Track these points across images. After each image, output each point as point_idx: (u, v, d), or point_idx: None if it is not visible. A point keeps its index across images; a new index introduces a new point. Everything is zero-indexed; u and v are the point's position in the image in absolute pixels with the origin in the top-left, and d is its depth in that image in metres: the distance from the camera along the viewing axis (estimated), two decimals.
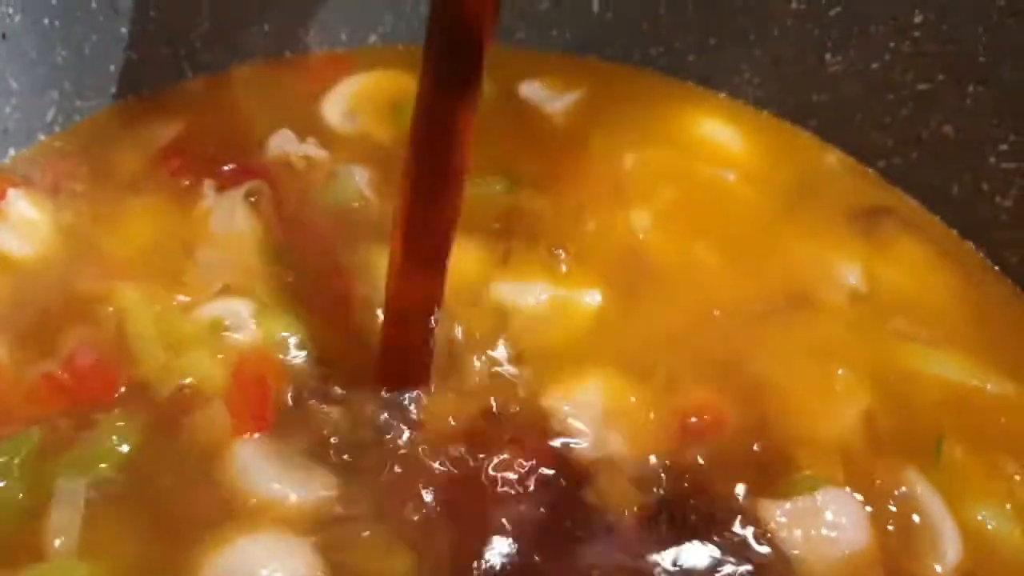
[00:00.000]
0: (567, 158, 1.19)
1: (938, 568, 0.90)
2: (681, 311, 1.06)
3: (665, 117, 1.24)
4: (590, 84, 1.28)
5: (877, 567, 0.89)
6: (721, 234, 1.13)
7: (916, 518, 0.93)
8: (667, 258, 1.11)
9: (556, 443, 0.93)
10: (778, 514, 0.90)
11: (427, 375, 0.95)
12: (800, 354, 1.04)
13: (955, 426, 0.99)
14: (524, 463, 0.91)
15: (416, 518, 0.87)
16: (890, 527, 0.92)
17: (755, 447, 0.96)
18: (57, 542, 0.85)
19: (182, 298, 1.01)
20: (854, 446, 0.97)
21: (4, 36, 1.07)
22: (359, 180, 1.14)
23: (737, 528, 0.90)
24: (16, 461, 0.89)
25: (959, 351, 1.05)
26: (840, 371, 1.03)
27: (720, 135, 1.24)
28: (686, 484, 0.92)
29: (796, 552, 0.89)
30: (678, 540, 0.88)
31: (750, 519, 0.90)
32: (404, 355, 0.95)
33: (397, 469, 0.90)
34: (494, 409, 0.95)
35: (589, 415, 0.95)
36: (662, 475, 0.92)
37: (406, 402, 0.94)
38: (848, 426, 0.98)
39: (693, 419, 0.97)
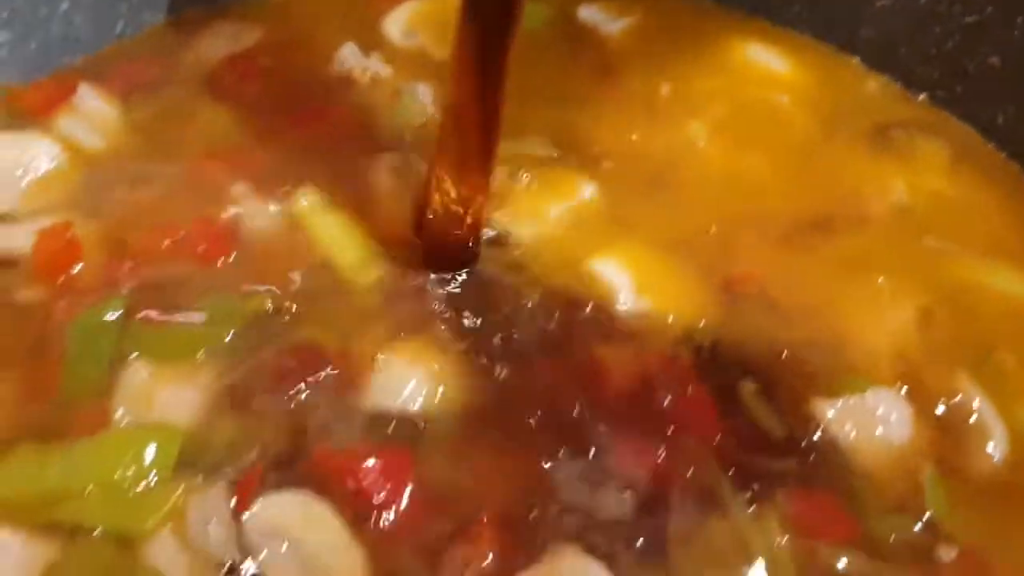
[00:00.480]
0: (621, 77, 1.22)
1: (989, 460, 0.92)
2: (726, 217, 1.09)
3: (717, 42, 1.26)
4: (645, 10, 1.31)
5: (926, 460, 0.91)
6: (768, 149, 1.16)
7: (964, 418, 0.95)
8: (715, 168, 1.13)
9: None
10: (829, 411, 0.93)
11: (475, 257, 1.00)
12: (849, 265, 1.06)
13: (1007, 336, 1.01)
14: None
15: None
16: (938, 426, 0.94)
17: (800, 346, 0.98)
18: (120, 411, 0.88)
19: None
20: (903, 350, 0.99)
21: None
22: (423, 97, 1.17)
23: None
24: (92, 334, 0.92)
25: (1008, 263, 1.07)
26: (889, 281, 1.04)
27: (768, 60, 1.26)
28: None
29: (848, 444, 0.91)
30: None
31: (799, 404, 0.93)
32: (453, 244, 0.99)
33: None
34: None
35: (631, 283, 1.00)
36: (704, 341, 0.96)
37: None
38: (897, 332, 1.00)
39: (737, 291, 1.01)
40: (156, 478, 0.84)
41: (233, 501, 0.83)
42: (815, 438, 0.91)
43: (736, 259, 1.04)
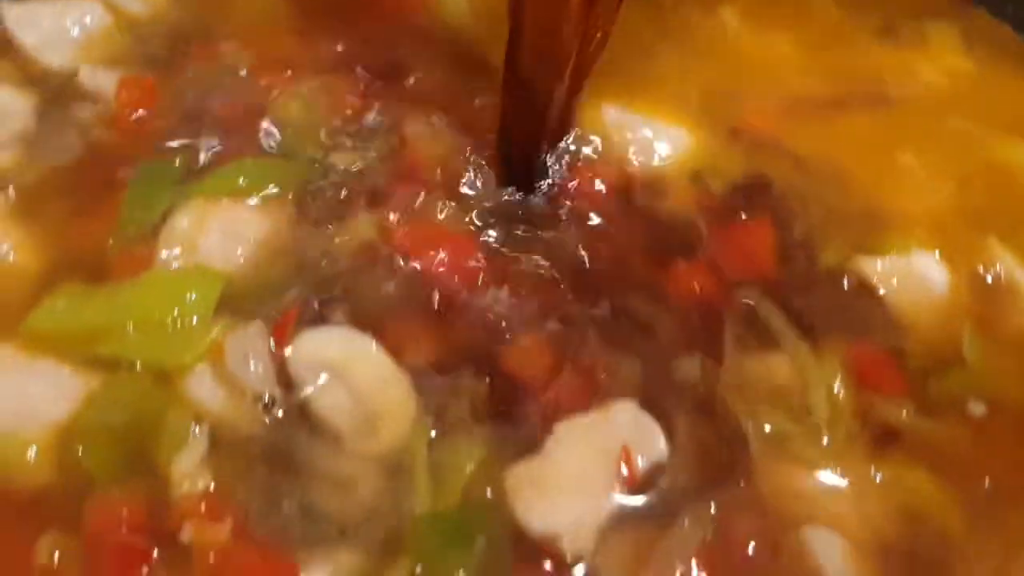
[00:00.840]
0: None
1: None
2: (759, 96, 1.09)
3: None
4: None
5: (965, 318, 0.93)
6: (799, 31, 1.16)
7: (998, 281, 0.96)
8: (748, 49, 1.14)
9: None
10: (873, 266, 0.94)
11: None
12: (870, 140, 1.07)
13: None
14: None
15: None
16: (974, 287, 0.95)
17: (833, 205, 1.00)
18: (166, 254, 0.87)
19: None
20: (937, 219, 1.00)
21: None
22: None
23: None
24: (154, 179, 0.93)
25: None
26: (917, 158, 1.05)
27: None
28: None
29: (893, 300, 0.92)
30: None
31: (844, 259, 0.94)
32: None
33: None
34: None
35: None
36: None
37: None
38: (929, 202, 1.02)
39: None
40: (197, 318, 0.83)
41: (271, 340, 0.82)
42: (861, 289, 0.92)
43: (747, 115, 1.06)
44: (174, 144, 0.96)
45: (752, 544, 0.75)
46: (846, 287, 0.92)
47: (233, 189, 0.91)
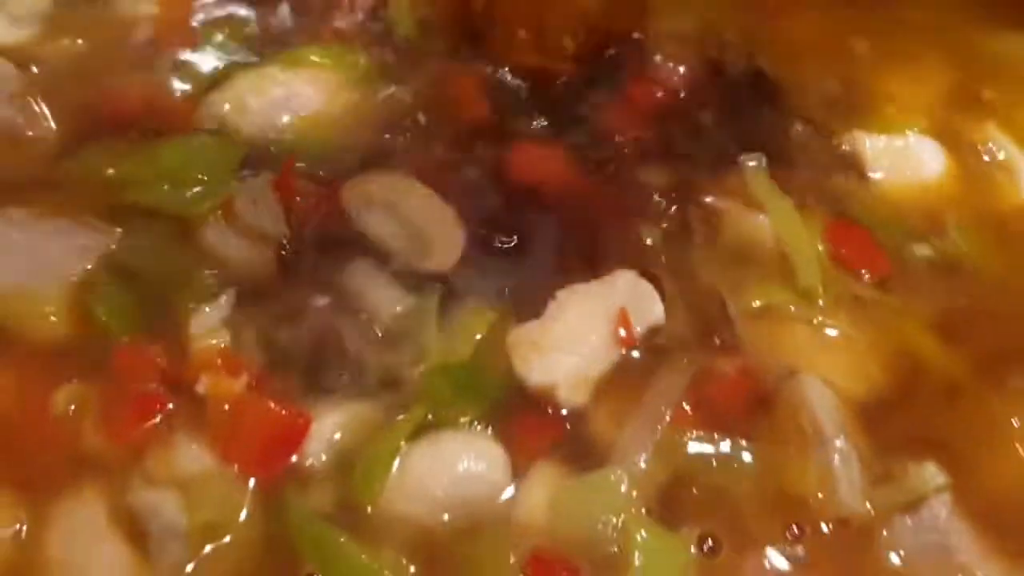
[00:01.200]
0: None
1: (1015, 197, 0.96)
2: None
3: None
4: None
5: (952, 203, 0.95)
6: None
7: (995, 163, 0.98)
8: None
9: None
10: (868, 143, 0.96)
11: None
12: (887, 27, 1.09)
13: None
14: None
15: None
16: (969, 170, 0.97)
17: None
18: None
19: None
20: (932, 104, 1.02)
21: None
22: None
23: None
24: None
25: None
26: (914, 47, 1.08)
27: None
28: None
29: (878, 176, 0.95)
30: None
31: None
32: None
33: None
34: None
35: None
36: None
37: None
38: (932, 90, 1.04)
39: None
40: (219, 175, 0.88)
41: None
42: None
43: None
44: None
45: (743, 396, 0.79)
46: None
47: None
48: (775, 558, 0.72)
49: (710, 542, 0.72)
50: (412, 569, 0.70)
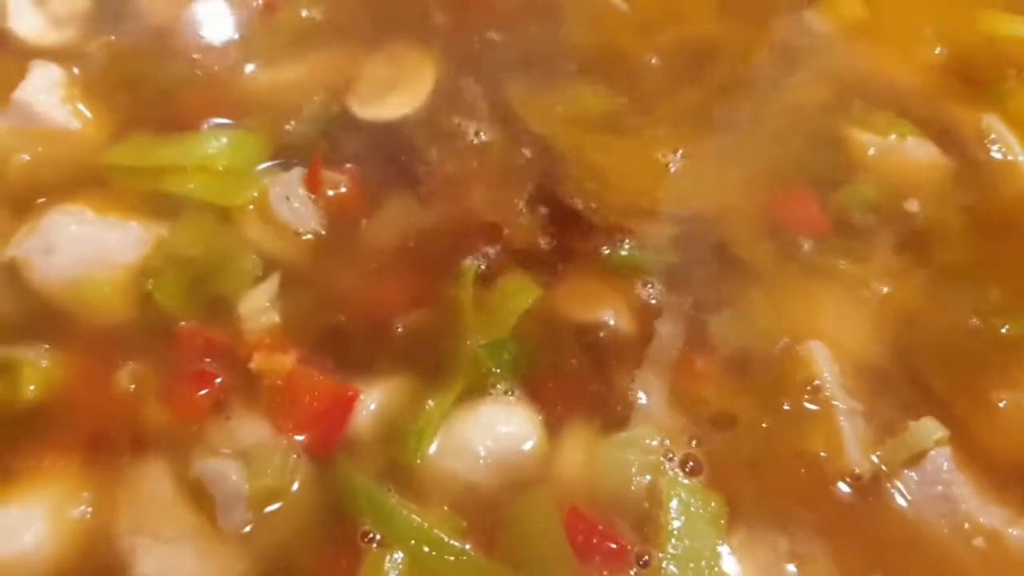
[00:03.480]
0: None
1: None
2: None
3: None
4: None
5: (950, 187, 0.99)
6: None
7: (990, 155, 1.01)
8: None
9: None
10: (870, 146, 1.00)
11: None
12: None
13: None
14: None
15: None
16: (963, 161, 1.00)
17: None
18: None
19: None
20: (925, 89, 1.06)
21: None
22: None
23: None
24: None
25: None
26: (905, 28, 1.11)
27: None
28: None
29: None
30: None
31: None
32: None
33: None
34: None
35: None
36: None
37: None
38: (925, 73, 1.08)
39: None
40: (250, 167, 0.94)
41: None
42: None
43: None
44: None
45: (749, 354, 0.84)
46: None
47: None
48: (792, 515, 0.77)
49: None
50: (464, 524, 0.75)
